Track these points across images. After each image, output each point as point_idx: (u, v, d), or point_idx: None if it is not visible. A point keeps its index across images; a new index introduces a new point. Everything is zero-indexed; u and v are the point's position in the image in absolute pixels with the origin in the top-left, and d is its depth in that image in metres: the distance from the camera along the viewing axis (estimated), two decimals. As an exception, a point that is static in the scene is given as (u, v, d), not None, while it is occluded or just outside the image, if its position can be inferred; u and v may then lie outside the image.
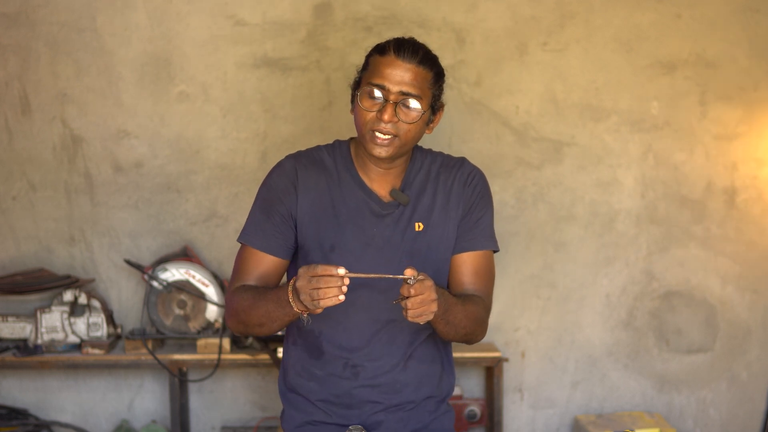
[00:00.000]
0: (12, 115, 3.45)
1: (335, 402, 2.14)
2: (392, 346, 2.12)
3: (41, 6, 3.41)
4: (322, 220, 2.10)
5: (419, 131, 2.06)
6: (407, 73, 2.00)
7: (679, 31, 3.47)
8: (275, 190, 2.12)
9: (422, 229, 2.11)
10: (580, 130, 3.49)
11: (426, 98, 2.03)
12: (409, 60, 2.01)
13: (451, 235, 2.13)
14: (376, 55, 2.05)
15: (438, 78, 2.07)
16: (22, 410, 3.46)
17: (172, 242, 3.47)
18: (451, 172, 2.16)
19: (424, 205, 2.13)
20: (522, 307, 3.53)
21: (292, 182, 2.11)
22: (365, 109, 2.02)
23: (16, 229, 3.48)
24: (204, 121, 3.46)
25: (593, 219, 3.51)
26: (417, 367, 2.15)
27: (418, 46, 2.04)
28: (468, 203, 2.14)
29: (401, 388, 2.14)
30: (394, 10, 3.42)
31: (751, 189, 3.52)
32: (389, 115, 2.00)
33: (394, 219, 2.11)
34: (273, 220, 2.10)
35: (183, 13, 3.42)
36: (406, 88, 2.00)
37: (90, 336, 3.31)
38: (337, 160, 2.16)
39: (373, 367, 2.12)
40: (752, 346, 3.57)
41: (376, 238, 2.09)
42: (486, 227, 2.16)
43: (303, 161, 2.14)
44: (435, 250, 2.12)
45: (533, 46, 3.45)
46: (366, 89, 2.03)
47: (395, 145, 2.03)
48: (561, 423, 3.57)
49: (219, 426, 3.53)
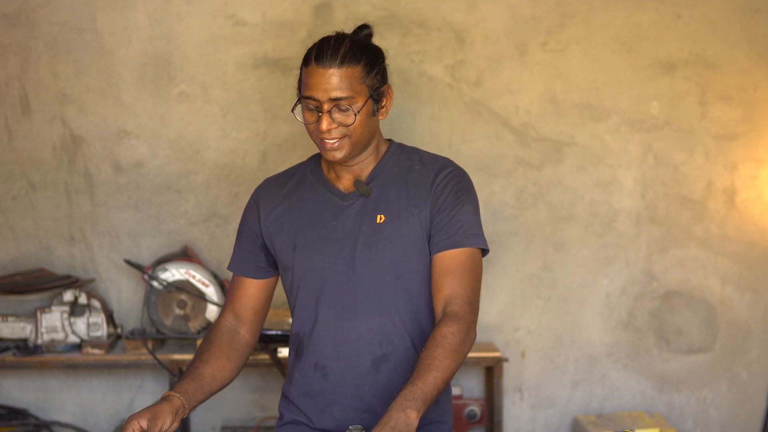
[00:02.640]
0: (12, 115, 3.45)
1: (309, 403, 2.12)
2: (359, 344, 2.07)
3: (41, 6, 3.41)
4: (286, 225, 2.13)
5: (367, 124, 2.02)
6: (332, 78, 1.95)
7: (679, 31, 3.47)
8: (243, 215, 2.22)
9: (383, 221, 2.05)
10: (580, 130, 3.49)
11: (360, 93, 1.98)
12: (329, 65, 1.95)
13: (417, 230, 2.04)
14: (303, 66, 2.01)
15: (370, 67, 2.00)
16: (22, 410, 3.46)
17: (172, 242, 3.47)
18: (426, 167, 2.09)
19: (388, 198, 2.07)
20: (522, 307, 3.53)
21: (255, 202, 2.19)
22: (307, 122, 2.02)
23: (16, 229, 3.48)
24: (204, 121, 3.46)
25: (593, 219, 3.51)
26: (390, 374, 2.06)
27: (338, 45, 1.98)
28: (438, 201, 2.05)
29: (367, 394, 2.07)
30: (394, 10, 3.42)
31: (751, 189, 3.52)
32: (326, 123, 1.98)
33: (354, 210, 2.08)
34: (241, 242, 2.21)
35: (183, 13, 3.42)
36: (335, 93, 1.96)
37: (90, 336, 3.31)
38: (305, 168, 2.20)
39: (341, 368, 2.08)
40: (752, 346, 3.57)
41: (336, 231, 2.08)
42: (464, 224, 2.03)
43: (267, 183, 2.23)
44: (395, 243, 2.04)
45: (533, 46, 3.45)
46: (302, 104, 2.02)
47: (347, 144, 2.02)
48: (561, 423, 3.57)
49: (219, 426, 3.53)
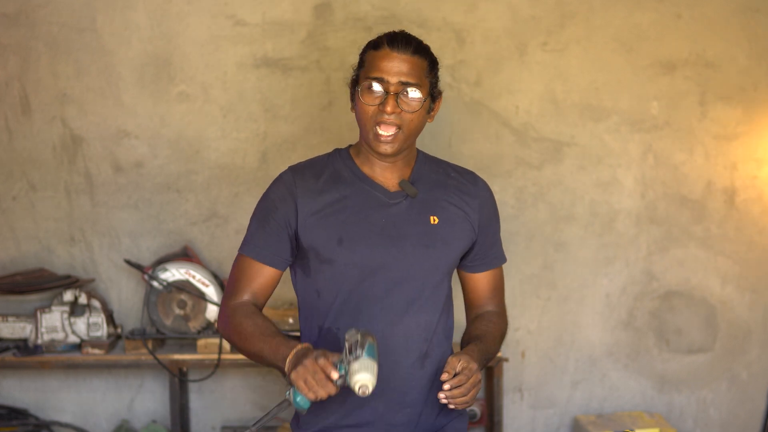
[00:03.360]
0: (12, 115, 3.44)
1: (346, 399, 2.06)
2: (408, 341, 2.07)
3: (41, 6, 3.41)
4: (329, 218, 2.07)
5: (421, 120, 2.06)
6: (403, 63, 2.02)
7: (679, 31, 3.47)
8: (272, 200, 2.11)
9: (438, 222, 2.10)
10: (580, 130, 3.49)
11: (425, 86, 2.05)
12: (403, 51, 2.02)
13: (468, 235, 2.13)
14: (370, 51, 2.06)
15: (433, 66, 2.09)
16: (22, 410, 3.46)
17: (172, 242, 3.47)
18: (463, 177, 2.18)
19: (437, 201, 2.11)
20: (522, 307, 3.53)
21: (290, 191, 2.09)
22: (367, 103, 2.02)
23: (16, 229, 3.48)
24: (204, 121, 3.46)
25: (593, 219, 3.51)
26: (433, 366, 2.11)
27: (410, 37, 2.07)
28: (484, 217, 2.16)
29: (412, 389, 2.09)
30: (394, 10, 3.42)
31: (751, 189, 3.52)
32: (392, 106, 2.00)
33: (402, 209, 2.09)
34: (268, 228, 2.09)
35: (183, 13, 3.42)
36: (405, 77, 2.01)
37: (90, 336, 3.31)
38: (337, 161, 2.15)
39: (387, 363, 2.04)
40: (752, 346, 3.57)
41: (386, 228, 2.07)
42: (499, 244, 2.23)
43: (301, 169, 2.14)
44: (451, 245, 2.11)
45: (533, 46, 3.45)
46: (365, 84, 2.03)
47: (399, 138, 2.03)
48: (561, 423, 3.56)
49: (219, 426, 3.53)
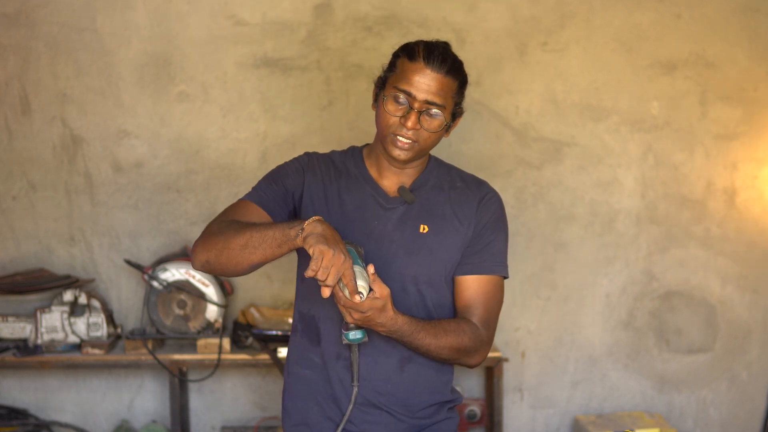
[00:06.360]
0: (12, 115, 3.44)
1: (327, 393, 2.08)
2: (388, 342, 2.05)
3: (41, 6, 3.41)
4: (329, 207, 2.10)
5: (438, 137, 2.07)
6: (434, 82, 2.00)
7: (679, 31, 3.47)
8: (285, 169, 2.14)
9: (426, 231, 2.09)
10: (580, 130, 3.49)
11: (449, 107, 2.04)
12: (437, 69, 2.00)
13: (458, 247, 2.10)
14: (404, 58, 2.03)
15: (462, 86, 2.07)
16: (22, 410, 3.46)
17: (172, 242, 3.47)
18: (469, 186, 2.15)
19: (432, 210, 2.11)
20: (522, 307, 3.53)
21: (303, 166, 2.14)
22: (389, 113, 2.02)
23: (16, 229, 3.48)
24: (204, 121, 3.46)
25: (593, 219, 3.51)
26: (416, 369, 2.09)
27: (447, 55, 2.03)
28: (480, 224, 2.11)
29: (388, 393, 2.08)
30: (394, 10, 3.42)
31: (751, 189, 3.52)
32: (413, 122, 2.00)
33: (397, 215, 2.10)
34: (275, 187, 2.10)
35: (183, 13, 3.42)
36: (432, 97, 2.00)
37: (90, 336, 3.31)
38: (347, 159, 2.17)
39: (366, 363, 2.06)
40: (752, 346, 3.57)
41: (375, 231, 2.08)
42: (496, 252, 2.13)
43: (316, 156, 2.18)
44: (436, 255, 2.09)
45: (533, 46, 3.45)
46: (392, 93, 2.02)
47: (415, 150, 2.04)
48: (561, 423, 3.56)
49: (219, 426, 3.53)
